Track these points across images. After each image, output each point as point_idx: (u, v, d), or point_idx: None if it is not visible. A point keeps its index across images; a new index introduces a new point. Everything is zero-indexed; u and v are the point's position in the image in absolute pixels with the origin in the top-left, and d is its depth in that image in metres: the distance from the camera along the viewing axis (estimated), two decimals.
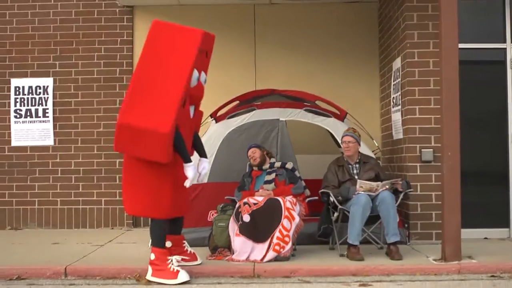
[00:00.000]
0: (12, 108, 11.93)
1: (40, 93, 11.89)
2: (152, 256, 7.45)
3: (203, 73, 7.68)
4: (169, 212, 7.52)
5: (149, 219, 7.67)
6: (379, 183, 8.48)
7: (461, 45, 8.26)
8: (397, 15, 10.15)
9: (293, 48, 11.95)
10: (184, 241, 8.11)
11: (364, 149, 9.31)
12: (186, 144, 7.48)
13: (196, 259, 8.05)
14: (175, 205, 7.54)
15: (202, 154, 8.02)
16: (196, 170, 7.68)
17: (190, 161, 7.47)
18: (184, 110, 7.35)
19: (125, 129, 7.09)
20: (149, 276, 7.42)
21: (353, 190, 8.45)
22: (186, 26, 7.59)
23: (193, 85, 7.41)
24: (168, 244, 7.72)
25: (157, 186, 7.36)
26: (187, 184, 7.48)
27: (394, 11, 10.34)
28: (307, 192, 9.01)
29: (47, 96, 11.88)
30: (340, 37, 11.95)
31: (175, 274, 7.33)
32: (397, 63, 10.14)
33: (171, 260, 7.44)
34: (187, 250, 8.06)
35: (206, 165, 7.94)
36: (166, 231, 7.63)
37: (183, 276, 7.31)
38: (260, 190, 8.70)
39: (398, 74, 10.10)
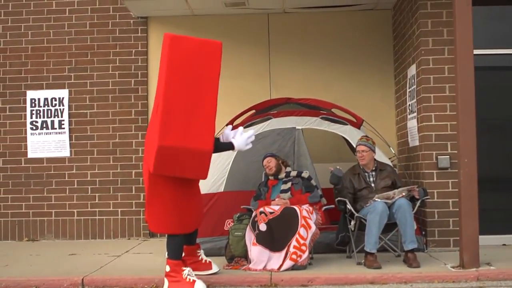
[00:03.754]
0: (28, 120, 11.99)
1: (55, 104, 11.95)
2: (167, 268, 7.43)
3: None
4: (191, 227, 7.62)
5: None
6: (395, 190, 8.45)
7: (476, 51, 8.24)
8: (411, 22, 10.13)
9: (307, 57, 11.94)
10: (199, 250, 8.09)
11: (381, 157, 9.28)
12: None
13: (211, 268, 8.02)
14: (196, 219, 7.66)
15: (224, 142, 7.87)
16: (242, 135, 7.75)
17: (233, 147, 7.70)
18: None
19: (166, 151, 6.91)
20: None
21: (337, 169, 8.52)
22: (202, 38, 7.42)
23: None
24: None
25: (183, 204, 7.37)
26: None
27: (408, 18, 10.32)
28: (324, 200, 8.99)
29: (63, 107, 11.94)
30: (354, 44, 11.93)
31: (191, 285, 7.30)
32: (412, 70, 10.12)
33: (187, 271, 7.42)
34: (202, 260, 8.04)
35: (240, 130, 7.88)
36: (183, 243, 7.63)
37: (199, 285, 7.29)
38: (276, 199, 8.68)
39: (413, 81, 10.07)
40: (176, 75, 7.09)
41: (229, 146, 7.68)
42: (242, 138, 7.68)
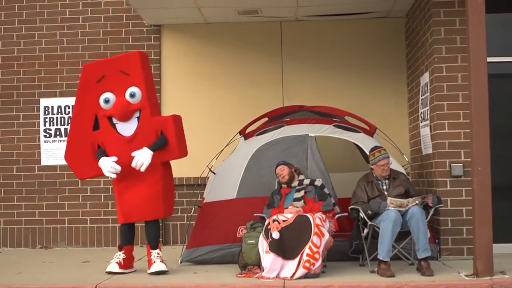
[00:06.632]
0: (42, 127, 12.04)
1: (69, 112, 11.98)
2: None
3: (131, 89, 8.46)
4: (120, 217, 8.75)
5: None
6: (409, 199, 8.41)
7: (489, 59, 8.22)
8: (424, 30, 10.12)
9: (320, 65, 11.93)
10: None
11: (395, 165, 9.24)
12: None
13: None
14: (122, 211, 8.69)
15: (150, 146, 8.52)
16: (107, 163, 8.44)
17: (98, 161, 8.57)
18: (105, 130, 8.58)
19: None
20: None
21: (384, 205, 8.37)
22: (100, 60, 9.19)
23: (106, 107, 8.53)
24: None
25: (116, 195, 8.75)
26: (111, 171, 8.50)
27: (421, 26, 10.31)
28: (337, 208, 8.96)
29: None
30: (367, 52, 11.92)
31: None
32: (425, 78, 10.10)
33: (117, 255, 8.74)
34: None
35: (140, 152, 8.39)
36: (127, 233, 8.91)
37: (109, 268, 8.61)
38: (290, 207, 8.67)
39: (426, 89, 10.06)
40: None
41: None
42: (107, 161, 8.47)
